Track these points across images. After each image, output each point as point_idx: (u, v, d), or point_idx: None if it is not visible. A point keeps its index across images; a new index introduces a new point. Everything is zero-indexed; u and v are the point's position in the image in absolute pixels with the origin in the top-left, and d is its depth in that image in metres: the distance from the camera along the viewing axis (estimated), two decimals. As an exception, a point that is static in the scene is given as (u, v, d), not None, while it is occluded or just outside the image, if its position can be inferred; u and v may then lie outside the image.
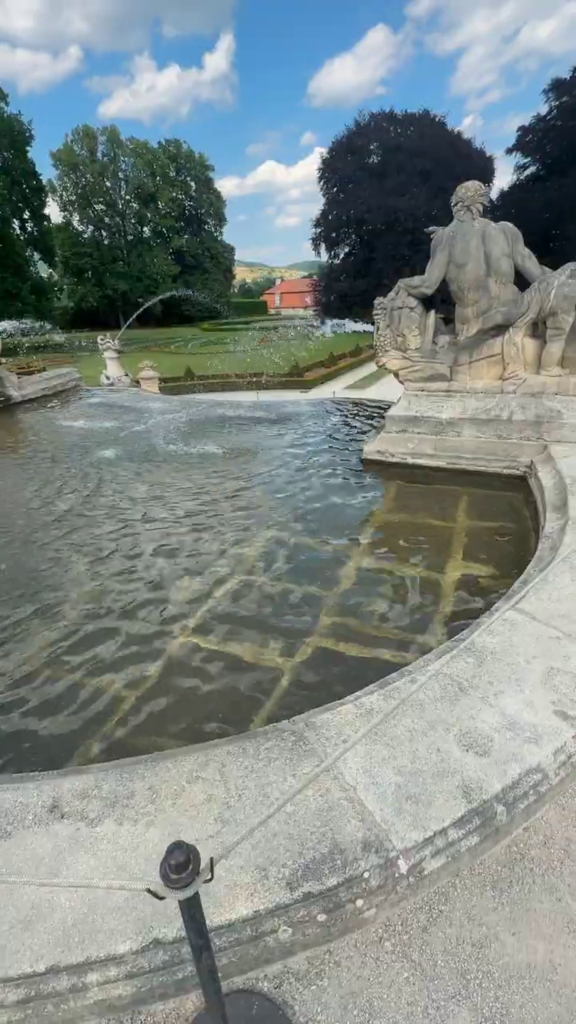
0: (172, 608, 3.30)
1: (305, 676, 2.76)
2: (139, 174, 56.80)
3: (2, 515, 4.65)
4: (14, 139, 36.48)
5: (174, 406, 9.04)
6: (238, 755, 1.86)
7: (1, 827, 1.62)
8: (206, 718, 2.52)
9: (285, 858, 1.51)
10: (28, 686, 2.70)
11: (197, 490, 5.10)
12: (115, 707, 2.58)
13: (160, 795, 1.71)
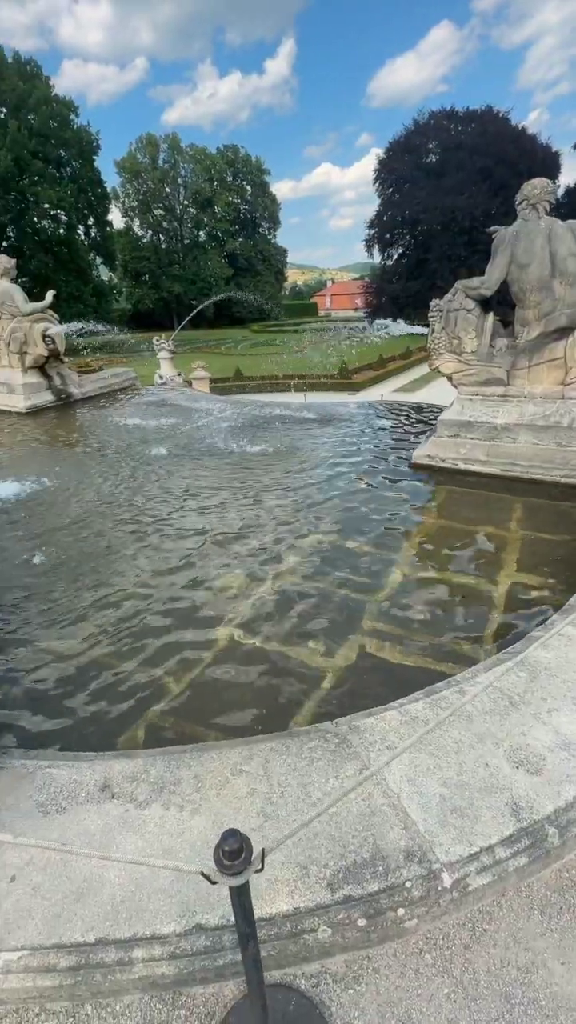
0: (216, 603, 3.36)
1: (346, 679, 2.75)
2: (197, 179, 58.28)
3: (61, 504, 4.89)
4: (82, 149, 38.30)
5: (224, 406, 9.21)
6: (281, 752, 1.88)
7: (57, 801, 1.71)
8: (247, 713, 2.55)
9: (326, 858, 1.51)
10: (80, 669, 2.83)
11: (244, 488, 5.18)
12: (160, 695, 2.66)
13: (205, 784, 1.75)
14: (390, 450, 6.20)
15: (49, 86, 36.19)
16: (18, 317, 8.16)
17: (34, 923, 1.39)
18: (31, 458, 6.38)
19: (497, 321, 5.12)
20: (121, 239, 52.06)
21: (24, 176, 32.98)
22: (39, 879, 1.49)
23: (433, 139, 41.92)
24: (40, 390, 8.45)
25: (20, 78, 33.54)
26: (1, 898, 1.44)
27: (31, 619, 3.23)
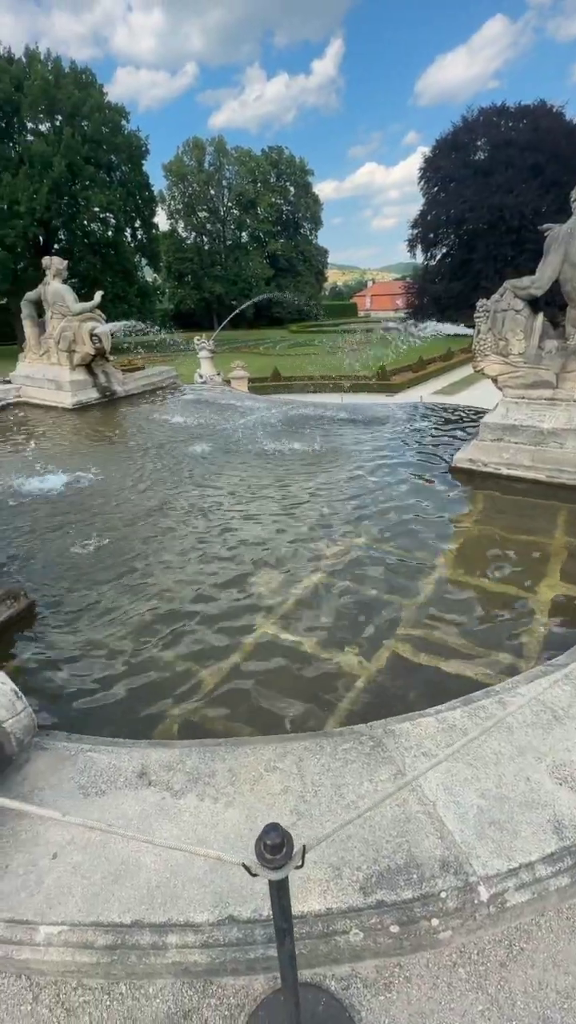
0: (252, 600, 3.39)
1: (380, 682, 2.72)
2: (241, 181, 58.89)
3: (105, 498, 5.04)
4: (132, 154, 39.34)
5: (262, 405, 9.27)
6: (315, 752, 1.87)
7: (97, 785, 1.76)
8: (279, 711, 2.56)
9: (359, 861, 1.50)
10: (117, 658, 2.91)
11: (281, 486, 5.20)
12: (194, 688, 2.70)
13: (239, 779, 1.77)
14: (429, 453, 6.09)
15: (102, 93, 37.34)
16: (68, 317, 8.46)
17: (74, 900, 1.43)
18: (76, 453, 6.61)
19: (546, 322, 4.95)
20: (166, 241, 53.19)
21: (76, 181, 34.14)
22: (79, 858, 1.54)
23: (482, 136, 40.87)
24: (86, 387, 8.73)
25: (76, 87, 34.75)
26: (43, 874, 1.50)
27: (72, 608, 3.35)
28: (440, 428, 7.24)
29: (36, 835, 1.61)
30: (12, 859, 1.54)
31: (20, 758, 1.83)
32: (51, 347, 8.70)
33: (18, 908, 1.42)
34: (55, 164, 32.34)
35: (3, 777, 1.76)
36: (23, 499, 5.08)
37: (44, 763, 1.86)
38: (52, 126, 34.58)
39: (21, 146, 33.92)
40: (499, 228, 37.86)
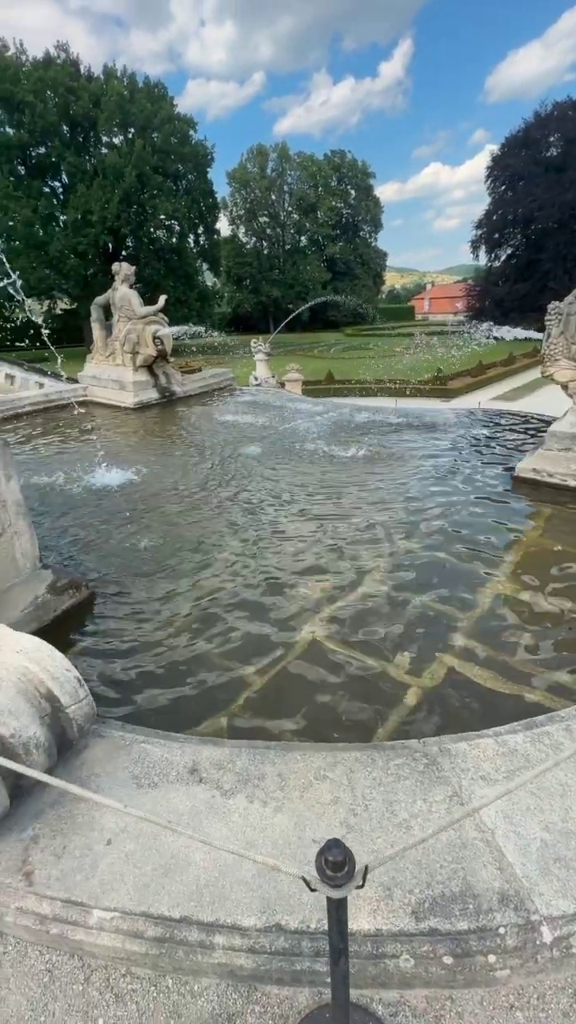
0: (301, 603, 3.37)
1: (432, 696, 2.63)
2: (303, 186, 59.36)
3: (161, 494, 5.19)
4: (198, 163, 40.62)
5: (316, 408, 9.26)
6: (366, 764, 1.83)
7: (150, 777, 1.80)
8: (327, 718, 2.52)
9: (411, 883, 1.45)
10: (169, 653, 2.97)
11: (333, 490, 5.16)
12: (241, 687, 2.71)
13: (288, 784, 1.75)
14: (488, 461, 5.86)
15: (173, 105, 38.78)
16: (133, 320, 8.81)
17: (126, 888, 1.47)
18: (135, 450, 6.85)
19: (626, 325, 4.63)
20: (227, 246, 54.44)
21: (145, 190, 35.63)
22: (132, 847, 1.57)
23: (555, 131, 39.10)
24: (147, 388, 9.05)
25: (148, 100, 36.30)
26: (98, 859, 1.55)
27: (127, 600, 3.46)
28: (499, 435, 6.95)
29: (92, 820, 1.66)
30: (70, 840, 1.59)
31: (79, 743, 1.90)
32: (116, 349, 9.08)
33: (74, 889, 1.47)
34: (126, 175, 33.86)
35: (63, 760, 1.83)
36: (85, 492, 5.32)
37: (101, 750, 1.92)
38: (125, 138, 36.24)
39: (96, 158, 35.78)
40: (570, 226, 36.08)
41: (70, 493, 5.33)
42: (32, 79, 32.94)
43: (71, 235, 34.07)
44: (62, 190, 36.70)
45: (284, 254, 59.91)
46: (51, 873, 1.51)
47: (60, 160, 34.92)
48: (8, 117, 32.87)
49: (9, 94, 32.09)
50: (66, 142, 35.09)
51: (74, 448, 6.95)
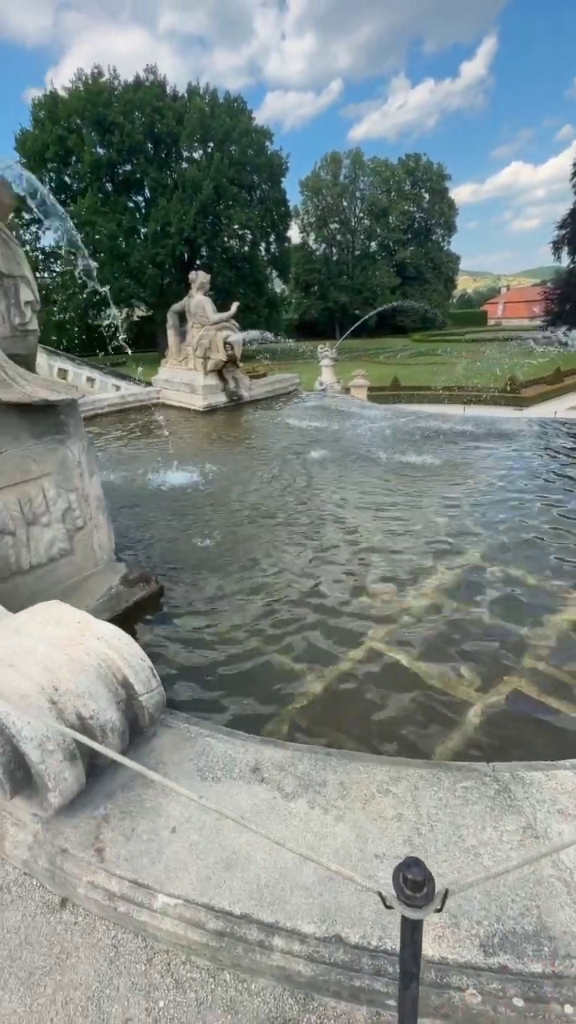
0: (363, 610, 3.33)
1: (498, 718, 2.50)
2: (375, 191, 59.00)
3: (227, 494, 5.32)
4: (272, 173, 41.50)
5: (381, 414, 9.14)
6: (431, 783, 1.77)
7: (213, 771, 1.84)
8: (386, 729, 2.47)
9: (480, 915, 1.38)
10: (231, 651, 3.02)
11: (399, 498, 5.06)
12: (301, 692, 2.71)
13: (350, 794, 1.73)
14: (565, 473, 5.51)
15: (251, 118, 39.93)
16: (206, 326, 9.13)
17: (189, 878, 1.50)
18: (203, 451, 7.08)
19: None
20: (296, 253, 55.12)
21: (220, 201, 36.89)
22: (195, 838, 1.61)
23: None
24: (216, 391, 9.33)
25: (228, 115, 37.62)
26: (164, 845, 1.60)
27: (194, 596, 3.56)
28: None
29: (158, 806, 1.72)
30: (138, 824, 1.66)
31: (148, 731, 1.97)
32: (189, 354, 9.44)
33: (141, 872, 1.52)
34: (204, 187, 35.22)
35: (133, 747, 1.91)
36: (155, 490, 5.56)
37: (168, 740, 1.98)
38: (204, 152, 37.71)
39: (176, 173, 37.50)
40: None
41: (141, 490, 5.59)
42: (123, 101, 35.13)
43: (150, 246, 35.89)
44: (144, 204, 38.76)
45: (353, 260, 59.75)
46: (120, 853, 1.58)
47: (144, 176, 36.93)
48: (100, 138, 35.23)
49: (102, 117, 34.41)
50: (150, 158, 37.07)
51: (145, 448, 7.29)
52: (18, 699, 1.52)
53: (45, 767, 1.52)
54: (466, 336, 48.52)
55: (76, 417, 3.03)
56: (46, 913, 1.60)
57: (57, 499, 2.96)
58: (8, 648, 1.73)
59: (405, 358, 36.47)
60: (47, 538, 2.94)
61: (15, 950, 1.52)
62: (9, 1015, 1.37)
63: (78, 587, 3.17)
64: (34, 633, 1.82)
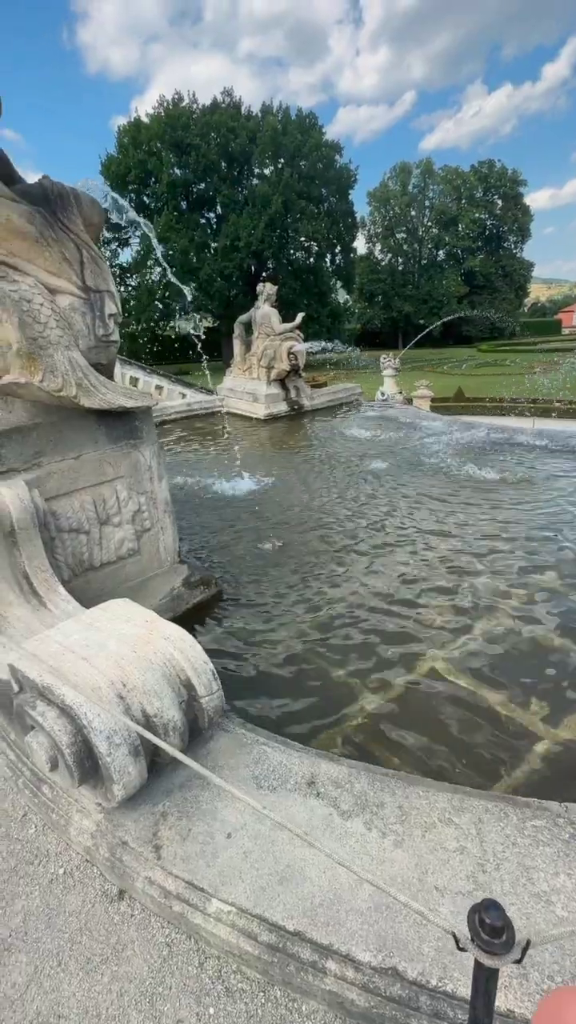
0: (423, 628, 3.22)
1: (569, 755, 2.33)
2: (444, 200, 57.95)
3: (287, 503, 5.35)
4: (340, 186, 41.82)
5: (446, 425, 8.88)
6: (498, 817, 1.66)
7: (269, 780, 1.83)
8: (444, 755, 2.36)
9: (552, 968, 1.27)
10: (286, 660, 3.02)
11: (465, 513, 4.87)
12: (356, 706, 2.66)
13: (409, 820, 1.66)
14: None
15: (322, 134, 40.53)
16: (271, 336, 9.29)
17: (243, 886, 1.50)
18: (263, 459, 7.18)
19: None
20: (362, 263, 55.08)
21: (289, 215, 37.61)
22: (250, 846, 1.61)
23: None
24: (278, 400, 9.45)
25: (299, 131, 38.41)
26: (219, 849, 1.60)
27: (251, 601, 3.60)
28: None
29: (214, 809, 1.74)
30: (195, 825, 1.68)
31: (206, 734, 2.00)
32: (253, 363, 9.65)
33: (196, 874, 1.54)
34: (273, 202, 36.07)
35: (191, 749, 1.94)
36: (216, 496, 5.70)
37: (224, 744, 2.00)
38: (275, 168, 38.65)
39: (248, 189, 38.69)
40: None
41: (202, 495, 5.74)
42: (200, 124, 36.81)
43: (219, 260, 37.16)
44: (215, 220, 40.25)
45: (419, 269, 58.86)
46: (176, 852, 1.61)
47: (216, 193, 38.39)
48: (177, 160, 37.07)
49: (180, 140, 36.21)
50: (223, 177, 38.50)
51: (207, 454, 7.50)
52: (90, 691, 1.59)
53: (112, 759, 1.58)
54: (538, 346, 46.31)
55: (149, 423, 3.17)
56: (104, 902, 1.65)
57: (128, 501, 3.10)
58: (82, 641, 1.82)
59: (471, 368, 35.30)
60: (117, 537, 3.08)
61: (75, 934, 1.57)
62: (68, 998, 1.42)
63: (142, 586, 3.29)
64: (106, 628, 1.90)
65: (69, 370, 2.56)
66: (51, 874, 1.74)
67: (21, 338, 2.43)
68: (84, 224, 2.78)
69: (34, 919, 1.62)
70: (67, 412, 2.73)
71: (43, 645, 1.83)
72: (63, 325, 2.59)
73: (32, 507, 2.44)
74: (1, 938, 1.56)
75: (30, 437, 2.62)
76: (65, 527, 2.81)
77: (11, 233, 2.47)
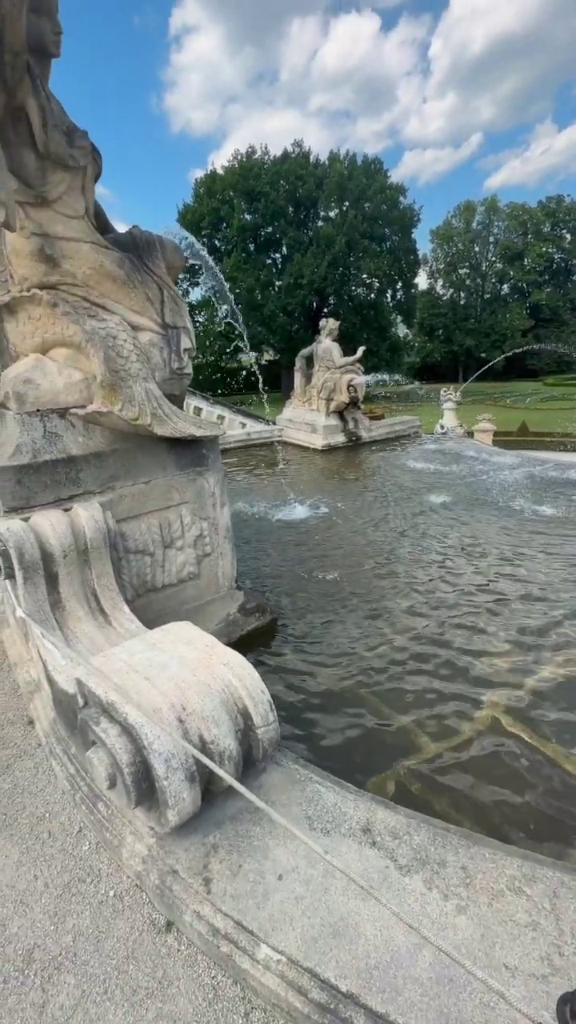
0: (485, 674, 3.04)
1: None
2: (509, 235, 57.67)
3: (344, 533, 5.32)
4: (403, 225, 42.71)
5: (509, 460, 8.58)
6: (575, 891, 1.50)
7: (322, 821, 1.76)
8: (507, 814, 2.19)
9: None
10: (340, 695, 2.93)
11: (532, 551, 4.63)
12: (411, 751, 2.53)
13: (474, 884, 1.53)
14: None
15: (386, 177, 41.85)
16: (332, 369, 9.47)
17: (294, 935, 1.43)
18: (321, 489, 7.21)
19: None
20: (423, 298, 55.39)
21: (351, 254, 38.73)
22: (301, 891, 1.54)
23: None
24: (336, 432, 9.54)
25: (365, 176, 39.89)
26: (270, 891, 1.55)
27: (305, 631, 3.56)
28: None
29: (265, 847, 1.69)
30: (245, 862, 1.64)
31: (259, 766, 1.96)
32: (313, 395, 9.83)
33: (246, 914, 1.49)
34: (337, 242, 37.36)
35: (243, 780, 1.91)
36: (272, 524, 5.76)
37: (277, 778, 1.95)
38: (340, 211, 40.17)
39: (313, 231, 40.34)
40: None
41: (259, 522, 5.82)
42: (270, 173, 39.12)
43: (283, 297, 38.66)
44: (280, 260, 42.11)
45: (482, 303, 58.38)
46: (226, 888, 1.57)
47: (283, 236, 40.31)
48: (248, 206, 39.42)
49: (251, 188, 38.59)
50: (290, 220, 40.44)
51: (266, 482, 7.64)
52: (152, 712, 1.62)
53: (168, 783, 1.58)
54: (611, 380, 44.12)
55: (216, 452, 3.28)
56: (152, 932, 1.63)
57: (191, 526, 3.19)
58: (145, 661, 1.86)
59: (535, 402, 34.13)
60: (179, 561, 3.17)
61: (122, 962, 1.56)
62: (113, 1029, 1.40)
63: (200, 610, 3.35)
64: (168, 650, 1.94)
65: (145, 400, 2.72)
66: (102, 895, 1.74)
67: (105, 371, 2.62)
68: (167, 267, 3.00)
69: (83, 940, 1.62)
70: (141, 439, 2.89)
71: (109, 662, 1.89)
72: (143, 359, 2.77)
73: (105, 528, 2.57)
74: (52, 956, 1.57)
75: (107, 462, 2.79)
76: (132, 548, 2.93)
77: (104, 277, 2.70)
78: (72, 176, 2.57)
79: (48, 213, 2.54)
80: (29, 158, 2.44)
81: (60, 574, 2.46)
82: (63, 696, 2.06)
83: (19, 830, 2.00)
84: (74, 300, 2.65)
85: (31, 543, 2.34)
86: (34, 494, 2.55)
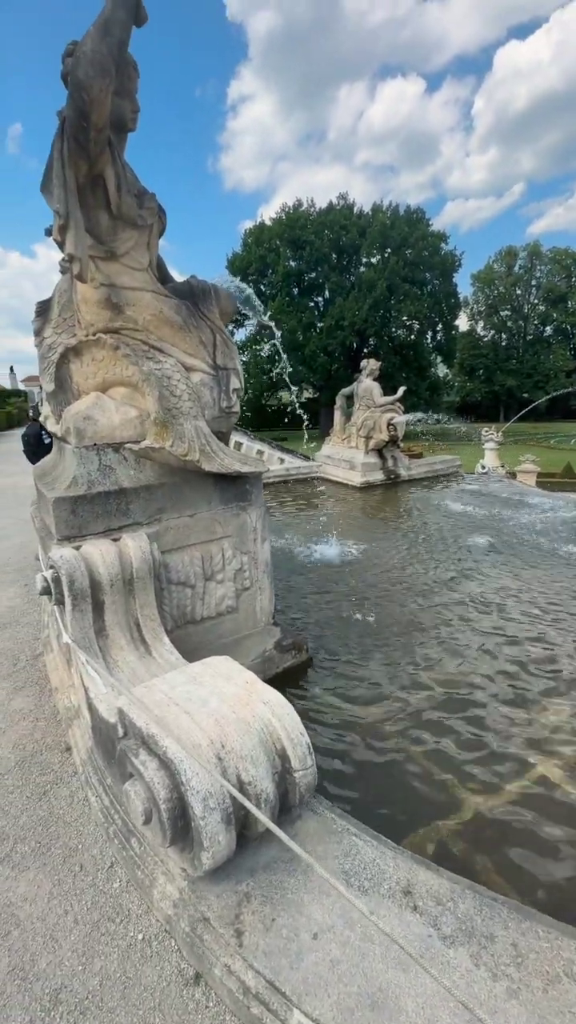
0: (536, 730, 2.87)
1: None
2: (552, 279, 57.79)
3: (383, 573, 5.24)
4: (444, 270, 43.64)
5: (555, 503, 8.31)
6: None
7: (360, 880, 1.68)
8: (560, 887, 2.01)
9: None
10: (376, 741, 2.83)
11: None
12: (452, 808, 2.39)
13: (527, 965, 1.41)
14: None
15: (428, 226, 43.17)
16: (372, 408, 9.58)
17: (329, 1002, 1.35)
18: (358, 526, 7.17)
19: None
20: (463, 340, 55.74)
21: (392, 297, 39.72)
22: (337, 953, 1.46)
23: None
24: (374, 469, 9.55)
25: (407, 225, 41.30)
26: (304, 950, 1.47)
27: (341, 672, 3.48)
28: None
29: (300, 901, 1.62)
30: (279, 916, 1.57)
31: (295, 812, 1.90)
32: (352, 433, 9.94)
33: (279, 974, 1.42)
34: (378, 286, 38.45)
35: (279, 826, 1.85)
36: (309, 560, 5.74)
37: (312, 827, 1.88)
38: (382, 257, 41.52)
39: (355, 275, 41.76)
40: None
41: (296, 558, 5.82)
42: (315, 224, 41.11)
43: (324, 338, 39.81)
44: (323, 303, 43.59)
45: (524, 344, 58.14)
46: (259, 943, 1.50)
47: (326, 281, 41.88)
48: (293, 254, 41.38)
49: (297, 237, 40.60)
50: (333, 266, 42.08)
51: (303, 518, 7.67)
52: (191, 747, 1.61)
53: (204, 823, 1.55)
54: None
55: (259, 488, 3.35)
56: (179, 984, 1.57)
57: (232, 559, 3.24)
58: (185, 695, 1.87)
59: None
60: (219, 594, 3.20)
61: (148, 1014, 1.50)
62: None
63: (236, 644, 3.34)
64: (208, 684, 1.94)
65: (194, 437, 2.83)
66: (130, 938, 1.70)
67: (159, 409, 2.76)
68: (220, 313, 3.17)
69: (110, 985, 1.57)
70: (188, 474, 2.99)
71: (150, 693, 1.91)
72: (194, 398, 2.91)
73: (151, 559, 2.64)
74: (79, 999, 1.53)
75: (155, 495, 2.89)
76: (174, 580, 2.99)
77: (162, 322, 2.88)
78: (140, 233, 2.80)
79: (116, 266, 2.76)
80: (103, 218, 2.68)
81: (106, 602, 2.53)
82: (103, 725, 2.08)
83: (52, 860, 2.00)
84: (134, 343, 2.83)
85: (81, 571, 2.43)
86: (86, 523, 2.67)
